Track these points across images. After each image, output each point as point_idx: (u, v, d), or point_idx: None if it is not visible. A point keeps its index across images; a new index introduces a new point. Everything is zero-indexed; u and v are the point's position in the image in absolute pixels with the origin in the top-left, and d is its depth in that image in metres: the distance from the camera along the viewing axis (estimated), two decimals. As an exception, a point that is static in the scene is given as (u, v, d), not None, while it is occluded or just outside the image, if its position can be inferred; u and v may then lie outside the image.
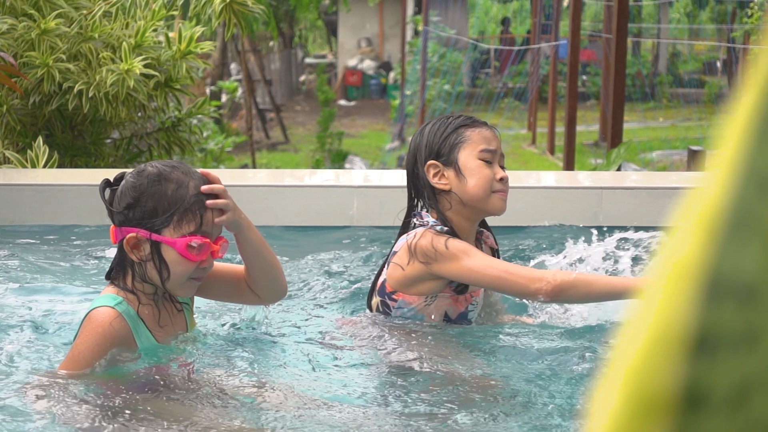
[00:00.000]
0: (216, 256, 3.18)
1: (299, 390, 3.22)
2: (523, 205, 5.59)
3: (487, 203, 3.72)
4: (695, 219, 0.57)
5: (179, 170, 3.15)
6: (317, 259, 4.92)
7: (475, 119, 3.82)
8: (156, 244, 3.12)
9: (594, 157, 16.08)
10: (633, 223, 5.52)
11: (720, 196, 0.57)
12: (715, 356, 0.56)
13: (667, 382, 0.56)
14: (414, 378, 3.39)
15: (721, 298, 0.56)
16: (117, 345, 3.12)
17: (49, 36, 6.67)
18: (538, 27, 19.64)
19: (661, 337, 0.56)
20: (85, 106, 6.75)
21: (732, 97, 0.60)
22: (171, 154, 7.58)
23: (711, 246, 0.57)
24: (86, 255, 5.05)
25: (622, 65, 9.44)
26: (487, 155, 3.71)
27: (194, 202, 3.11)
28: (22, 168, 6.52)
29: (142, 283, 3.19)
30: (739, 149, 0.57)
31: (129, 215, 3.14)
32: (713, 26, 25.79)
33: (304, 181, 6.23)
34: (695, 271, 0.56)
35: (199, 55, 7.21)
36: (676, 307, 0.56)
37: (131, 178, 3.17)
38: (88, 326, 3.11)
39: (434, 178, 3.75)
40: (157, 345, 3.22)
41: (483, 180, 3.69)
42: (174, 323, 3.31)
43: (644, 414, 0.56)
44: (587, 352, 3.55)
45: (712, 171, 0.58)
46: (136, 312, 3.18)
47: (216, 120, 15.69)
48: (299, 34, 34.78)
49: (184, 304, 3.36)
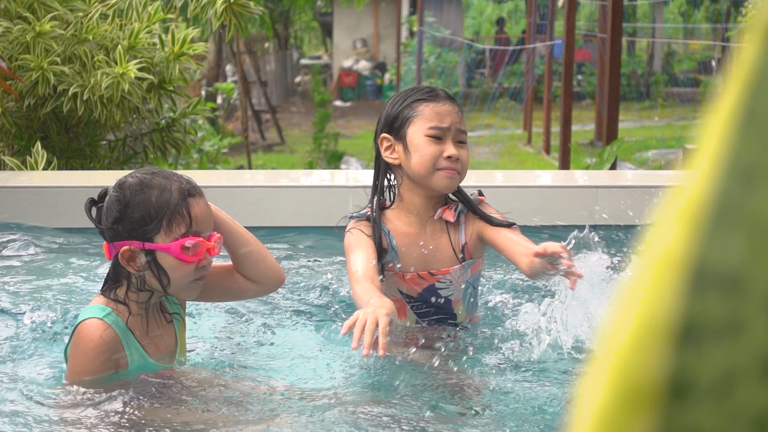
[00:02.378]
0: (212, 254, 3.17)
1: (295, 389, 3.23)
2: (519, 204, 5.59)
3: (431, 180, 3.68)
4: (680, 210, 0.58)
5: (159, 175, 3.15)
6: (313, 259, 4.93)
7: (435, 93, 3.75)
8: (151, 252, 3.11)
9: (590, 156, 16.09)
10: (628, 221, 5.54)
11: (704, 187, 0.58)
12: (700, 346, 0.56)
13: (652, 372, 0.56)
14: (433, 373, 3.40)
15: (706, 288, 0.56)
16: (108, 355, 3.10)
17: (44, 38, 6.67)
18: (533, 27, 19.66)
19: (646, 327, 0.57)
20: (80, 109, 6.75)
21: (718, 95, 0.61)
22: (166, 155, 7.58)
23: (695, 237, 0.57)
24: (82, 257, 5.04)
25: (617, 65, 9.46)
26: (435, 132, 3.66)
27: (180, 203, 3.10)
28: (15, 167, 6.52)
29: (137, 293, 3.18)
30: (722, 141, 0.58)
31: (118, 229, 3.12)
32: (708, 25, 25.83)
33: (300, 181, 6.24)
34: (680, 262, 0.57)
35: (193, 56, 7.20)
36: (661, 298, 0.57)
37: (114, 192, 3.15)
38: (80, 342, 3.10)
39: (386, 151, 3.75)
40: (147, 357, 3.20)
41: (426, 157, 3.65)
42: (163, 333, 3.28)
43: (630, 403, 0.57)
44: (573, 345, 3.56)
45: (696, 163, 0.59)
46: (126, 323, 3.15)
47: (211, 121, 15.68)
48: (294, 35, 34.77)
49: (174, 315, 3.34)
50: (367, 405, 3.16)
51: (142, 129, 7.53)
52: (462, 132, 3.72)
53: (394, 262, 3.76)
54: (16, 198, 5.64)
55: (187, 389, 3.17)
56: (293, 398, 3.16)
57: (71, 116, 7.05)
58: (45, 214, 5.62)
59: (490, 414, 3.12)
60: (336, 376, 3.43)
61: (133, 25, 6.98)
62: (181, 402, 3.10)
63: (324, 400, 3.16)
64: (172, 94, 7.23)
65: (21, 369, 3.39)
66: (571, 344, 3.57)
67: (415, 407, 3.15)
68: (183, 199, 3.10)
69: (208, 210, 3.19)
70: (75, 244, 5.28)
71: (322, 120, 18.98)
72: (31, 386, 3.24)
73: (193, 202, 3.13)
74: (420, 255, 3.76)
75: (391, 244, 3.76)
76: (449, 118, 3.69)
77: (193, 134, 7.84)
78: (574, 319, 3.81)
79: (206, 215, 3.17)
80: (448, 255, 3.77)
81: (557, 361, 3.47)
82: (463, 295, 3.81)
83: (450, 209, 3.79)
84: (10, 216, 5.60)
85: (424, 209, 3.77)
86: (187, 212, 3.10)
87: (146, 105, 7.20)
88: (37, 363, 3.46)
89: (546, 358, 3.50)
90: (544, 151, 17.66)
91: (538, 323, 3.74)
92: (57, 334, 3.81)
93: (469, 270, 3.81)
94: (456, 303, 3.82)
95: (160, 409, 3.05)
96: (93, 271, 4.79)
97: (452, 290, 3.79)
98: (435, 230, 3.78)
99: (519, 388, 3.29)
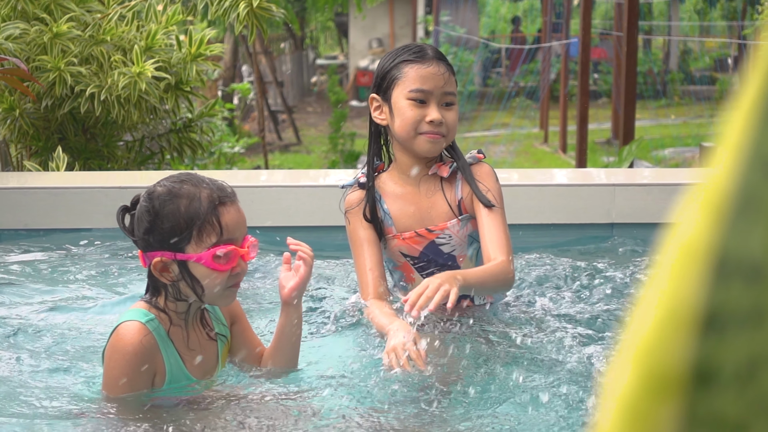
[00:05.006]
0: (246, 259, 3.10)
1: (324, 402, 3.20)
2: (536, 203, 5.59)
3: (413, 144, 3.69)
4: (702, 201, 0.59)
5: (189, 183, 3.08)
6: (334, 256, 4.94)
7: (422, 53, 3.70)
8: (183, 263, 3.04)
9: (606, 155, 16.07)
10: (645, 219, 5.53)
11: (726, 178, 0.58)
12: (724, 334, 0.57)
13: (677, 360, 0.57)
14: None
15: (729, 277, 0.57)
16: (147, 362, 3.03)
17: (61, 39, 6.69)
18: (548, 25, 19.65)
19: (670, 316, 0.58)
20: (98, 109, 6.77)
21: (739, 89, 0.61)
22: (183, 156, 7.60)
23: (718, 227, 0.58)
24: (100, 258, 5.06)
25: (633, 63, 9.45)
26: (418, 95, 3.64)
27: (210, 212, 3.03)
28: (35, 171, 6.55)
29: (175, 303, 3.12)
30: (744, 133, 0.59)
31: (150, 240, 3.07)
32: (724, 23, 25.76)
33: (318, 181, 6.25)
34: (703, 252, 0.58)
35: (210, 57, 7.22)
36: (685, 287, 0.58)
37: (144, 201, 3.09)
38: (118, 344, 3.02)
39: (375, 111, 3.76)
40: (184, 369, 3.13)
41: (407, 121, 3.64)
42: (204, 348, 3.21)
43: (655, 391, 0.58)
44: (599, 333, 3.57)
45: (719, 155, 0.59)
46: (167, 332, 3.09)
47: (228, 122, 15.71)
48: (310, 36, 34.79)
49: (220, 336, 3.28)
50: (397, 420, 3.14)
51: (159, 130, 7.55)
52: (448, 94, 3.68)
53: (390, 225, 3.78)
54: (34, 199, 5.66)
55: (225, 403, 3.09)
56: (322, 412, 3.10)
57: (88, 117, 7.07)
58: (62, 215, 5.63)
59: (513, 408, 3.12)
60: (362, 384, 3.37)
61: (150, 26, 7.00)
62: (217, 416, 3.03)
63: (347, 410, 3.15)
64: (188, 95, 7.25)
65: (51, 377, 3.37)
66: (583, 333, 3.58)
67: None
68: (213, 207, 3.03)
69: (239, 216, 3.11)
70: (93, 245, 5.30)
71: (339, 120, 18.98)
72: (63, 392, 3.20)
73: (224, 210, 3.05)
74: (415, 213, 3.77)
75: (383, 208, 3.79)
76: (432, 81, 3.65)
77: (210, 135, 7.86)
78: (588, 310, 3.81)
79: (237, 222, 3.09)
80: (443, 210, 3.76)
81: (579, 350, 3.47)
82: (468, 251, 3.79)
83: (445, 165, 3.78)
84: (27, 216, 5.62)
85: (417, 168, 3.77)
86: (217, 221, 3.03)
87: (163, 105, 7.22)
88: (68, 369, 3.45)
89: (560, 348, 3.50)
90: (561, 149, 17.65)
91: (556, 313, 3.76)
92: (74, 337, 3.81)
93: (469, 224, 3.77)
94: (461, 259, 3.79)
95: (195, 421, 3.00)
96: (109, 273, 4.80)
97: (454, 245, 3.77)
98: (429, 188, 3.78)
99: (542, 374, 3.29)
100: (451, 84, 3.69)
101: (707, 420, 0.57)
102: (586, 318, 3.84)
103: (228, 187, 3.14)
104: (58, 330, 3.90)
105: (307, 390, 3.21)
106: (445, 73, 3.67)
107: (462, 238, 3.77)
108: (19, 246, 5.29)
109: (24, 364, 3.47)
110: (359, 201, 3.81)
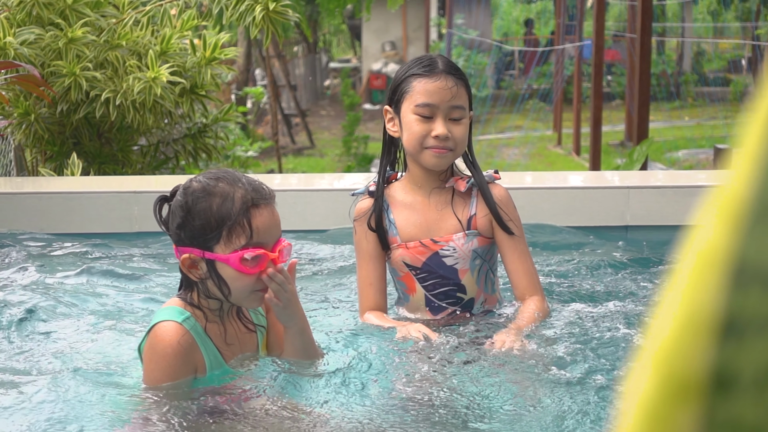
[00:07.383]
0: (278, 263, 3.04)
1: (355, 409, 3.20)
2: (550, 206, 5.59)
3: (419, 158, 3.69)
4: (720, 208, 0.59)
5: (224, 180, 3.04)
6: (347, 260, 4.95)
7: (432, 66, 3.69)
8: (211, 261, 3.00)
9: (620, 157, 16.06)
10: (660, 222, 5.53)
11: (744, 185, 0.59)
12: (743, 340, 0.57)
13: (696, 366, 0.58)
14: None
15: (747, 284, 0.58)
16: (187, 360, 3.01)
17: (76, 45, 6.72)
18: (562, 28, 19.65)
19: (689, 323, 0.58)
20: (113, 114, 6.79)
21: (756, 94, 0.62)
22: (198, 161, 7.62)
23: (736, 234, 0.58)
24: (115, 262, 5.08)
25: (647, 65, 9.44)
26: (423, 110, 3.63)
27: (242, 213, 2.99)
28: (49, 176, 6.58)
29: (207, 299, 3.08)
30: (761, 140, 0.59)
31: (181, 235, 3.03)
32: (738, 24, 25.72)
33: (333, 185, 6.26)
34: (721, 259, 0.58)
35: (224, 61, 7.23)
36: (703, 294, 0.58)
37: (179, 196, 3.06)
38: (157, 346, 3.00)
39: (388, 123, 3.77)
40: (225, 366, 3.10)
41: (413, 136, 3.65)
42: (242, 342, 3.18)
43: (674, 396, 0.58)
44: (614, 335, 3.57)
45: (736, 161, 0.60)
46: (204, 329, 3.06)
47: (242, 126, 15.73)
48: (323, 39, 34.84)
49: (259, 327, 3.24)
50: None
51: (174, 134, 7.57)
52: (456, 108, 3.66)
53: (394, 234, 3.80)
54: (50, 204, 5.68)
55: (250, 410, 3.05)
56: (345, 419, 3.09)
57: (103, 122, 7.10)
58: (77, 220, 5.65)
59: (533, 410, 3.12)
60: (370, 387, 3.37)
61: (165, 30, 7.02)
62: (256, 409, 3.01)
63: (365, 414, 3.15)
64: (203, 99, 7.27)
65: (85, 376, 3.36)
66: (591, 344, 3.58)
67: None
68: (245, 209, 2.99)
69: (272, 219, 3.06)
70: (108, 248, 5.31)
71: (352, 123, 19.00)
72: (105, 390, 3.18)
73: (256, 212, 3.00)
74: (422, 223, 3.78)
75: (389, 218, 3.81)
76: (438, 95, 3.63)
77: (225, 139, 7.88)
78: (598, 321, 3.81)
79: (269, 225, 3.04)
80: (452, 223, 3.77)
81: (598, 352, 3.47)
82: (471, 265, 3.78)
83: (463, 180, 3.79)
84: (42, 222, 5.64)
85: (428, 180, 3.78)
86: (248, 223, 2.99)
87: (178, 110, 7.24)
88: (102, 367, 3.45)
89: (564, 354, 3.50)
90: (575, 152, 17.63)
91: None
92: (121, 331, 3.82)
93: (476, 240, 3.77)
94: (463, 273, 3.78)
95: (238, 417, 2.98)
96: (126, 277, 4.81)
97: (457, 258, 3.77)
98: (440, 200, 3.79)
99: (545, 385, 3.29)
100: (460, 98, 3.66)
101: (726, 425, 0.57)
102: (601, 320, 3.84)
103: (266, 188, 3.09)
104: (77, 331, 3.91)
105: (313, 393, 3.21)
106: (453, 87, 3.64)
107: (466, 253, 3.77)
108: (34, 250, 5.30)
109: (49, 370, 3.48)
110: (367, 210, 3.82)
